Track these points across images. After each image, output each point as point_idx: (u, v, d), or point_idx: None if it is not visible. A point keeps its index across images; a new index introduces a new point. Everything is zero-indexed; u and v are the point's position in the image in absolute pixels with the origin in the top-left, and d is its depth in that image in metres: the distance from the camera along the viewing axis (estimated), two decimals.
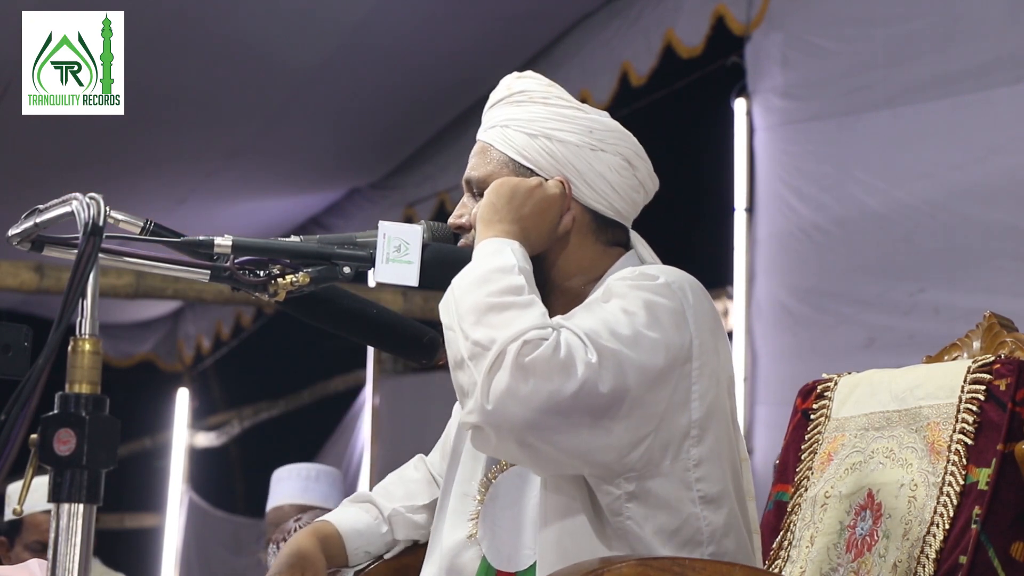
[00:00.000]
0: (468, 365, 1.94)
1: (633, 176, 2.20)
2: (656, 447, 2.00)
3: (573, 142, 2.16)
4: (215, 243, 2.01)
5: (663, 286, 2.05)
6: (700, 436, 2.04)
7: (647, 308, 2.01)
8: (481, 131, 2.24)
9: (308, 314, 2.23)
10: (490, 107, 2.25)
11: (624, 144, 2.20)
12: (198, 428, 9.84)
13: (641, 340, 1.97)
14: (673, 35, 5.69)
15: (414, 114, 7.01)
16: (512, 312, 1.95)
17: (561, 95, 2.23)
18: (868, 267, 4.90)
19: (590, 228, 2.18)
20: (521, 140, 2.17)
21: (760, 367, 5.26)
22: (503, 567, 2.11)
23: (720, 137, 5.53)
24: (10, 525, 4.52)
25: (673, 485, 2.02)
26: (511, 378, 1.89)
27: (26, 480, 1.61)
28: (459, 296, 2.00)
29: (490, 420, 1.91)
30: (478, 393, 1.91)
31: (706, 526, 2.03)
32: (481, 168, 2.19)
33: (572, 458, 1.97)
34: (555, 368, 1.90)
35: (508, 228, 2.09)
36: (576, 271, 2.17)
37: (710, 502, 2.04)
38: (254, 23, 5.94)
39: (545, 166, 2.16)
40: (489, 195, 2.13)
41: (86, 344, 1.65)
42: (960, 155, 4.59)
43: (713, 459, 2.05)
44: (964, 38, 4.61)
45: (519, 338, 1.91)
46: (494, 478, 2.17)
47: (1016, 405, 2.18)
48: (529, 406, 1.89)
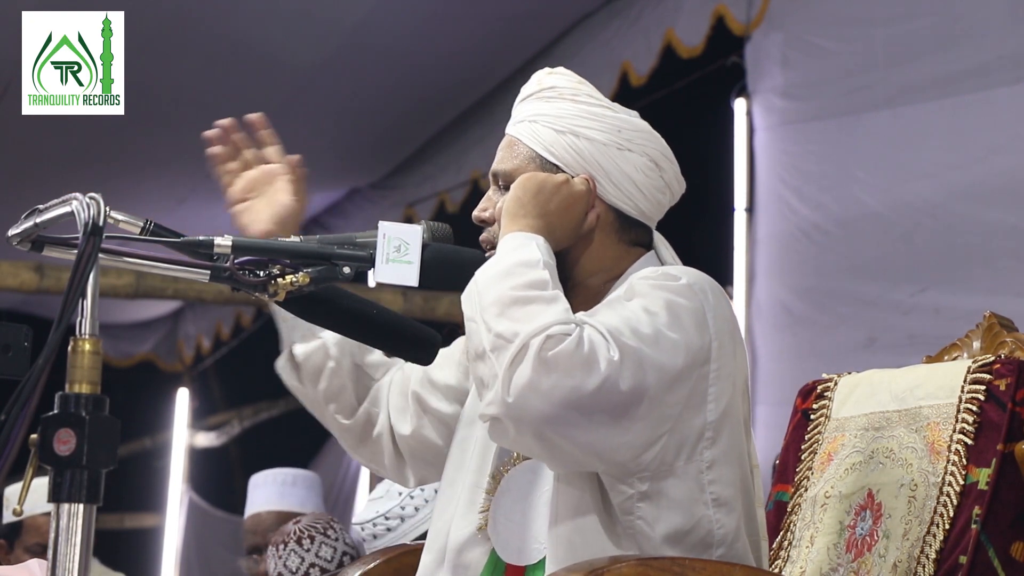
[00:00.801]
0: (490, 357, 1.94)
1: (659, 177, 2.20)
2: (671, 447, 2.00)
3: (600, 140, 2.16)
4: (215, 243, 2.01)
5: (685, 287, 2.05)
6: (714, 438, 2.04)
7: (668, 308, 2.01)
8: (510, 125, 2.24)
9: (308, 314, 2.23)
10: (520, 101, 2.25)
11: (652, 145, 2.20)
12: (198, 428, 9.83)
13: (662, 340, 1.98)
14: (673, 35, 5.68)
15: (414, 114, 7.01)
16: (536, 306, 1.95)
17: (591, 93, 2.23)
18: (868, 267, 4.90)
19: (613, 227, 2.18)
20: (549, 136, 2.17)
21: (760, 367, 5.26)
22: (513, 561, 2.11)
23: (720, 137, 5.53)
24: (9, 528, 4.51)
25: (686, 486, 2.02)
26: (533, 372, 1.90)
27: (26, 480, 1.61)
28: (482, 288, 2.00)
29: (510, 413, 1.91)
30: (499, 385, 1.92)
31: (718, 528, 2.03)
32: (508, 162, 2.20)
33: (588, 455, 1.97)
34: (577, 364, 1.90)
35: (533, 223, 2.09)
36: (597, 269, 2.17)
37: (722, 504, 2.04)
38: (254, 23, 5.94)
39: (571, 163, 2.16)
40: (515, 189, 2.13)
41: (86, 344, 1.65)
42: (960, 155, 4.59)
43: (726, 462, 2.05)
44: (964, 38, 4.61)
45: (542, 332, 1.91)
46: (506, 471, 2.17)
47: (1016, 405, 2.18)
48: (550, 400, 1.90)
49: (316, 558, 3.45)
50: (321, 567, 3.44)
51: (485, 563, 2.14)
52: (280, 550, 3.48)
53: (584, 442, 1.94)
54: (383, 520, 3.31)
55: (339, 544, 3.49)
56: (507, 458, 2.18)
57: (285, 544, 3.48)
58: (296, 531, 3.50)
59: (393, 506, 3.30)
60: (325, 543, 3.47)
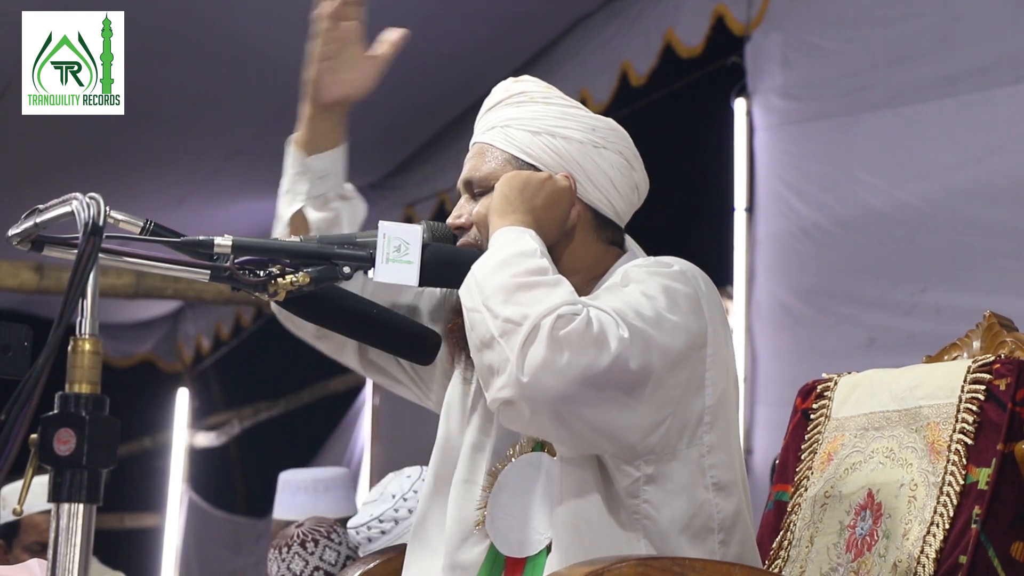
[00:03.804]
0: (499, 343, 1.94)
1: (631, 175, 2.22)
2: (673, 430, 2.03)
3: (577, 139, 2.18)
4: (215, 243, 2.01)
5: (679, 273, 2.08)
6: (712, 423, 2.07)
7: (666, 293, 2.04)
8: (478, 135, 2.25)
9: (308, 314, 2.23)
10: (486, 111, 2.26)
11: (624, 144, 2.23)
12: (198, 428, 9.83)
13: (663, 322, 2.00)
14: (673, 35, 5.68)
15: (414, 114, 7.01)
16: (541, 290, 1.97)
17: (560, 95, 2.25)
18: (869, 267, 4.89)
19: (592, 225, 2.20)
20: (524, 138, 2.18)
21: (760, 367, 5.25)
22: (513, 553, 2.12)
23: (720, 137, 5.52)
24: (8, 527, 4.51)
25: (689, 470, 2.05)
26: (547, 350, 1.91)
27: (26, 480, 1.61)
28: (482, 279, 2.01)
29: (526, 393, 1.92)
30: (512, 367, 1.92)
31: (717, 513, 2.06)
32: (482, 168, 2.20)
33: (600, 435, 1.98)
34: (589, 342, 1.91)
35: (523, 218, 2.11)
36: (580, 268, 2.18)
37: (721, 488, 2.07)
38: (254, 23, 5.93)
39: (549, 163, 2.17)
40: (501, 188, 2.14)
41: (86, 344, 1.65)
42: (960, 155, 4.59)
43: (724, 447, 2.08)
44: (964, 38, 4.61)
45: (553, 312, 1.92)
46: (503, 467, 2.18)
47: (1016, 405, 2.18)
48: (565, 378, 1.91)
49: (320, 561, 3.45)
50: (325, 570, 3.44)
51: (483, 560, 2.14)
52: (283, 553, 3.47)
53: (597, 422, 1.96)
54: (377, 523, 3.31)
55: (342, 548, 3.49)
56: (504, 455, 2.19)
57: (288, 547, 3.48)
58: (299, 534, 3.49)
59: (386, 509, 3.30)
60: (329, 546, 3.47)
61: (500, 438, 2.20)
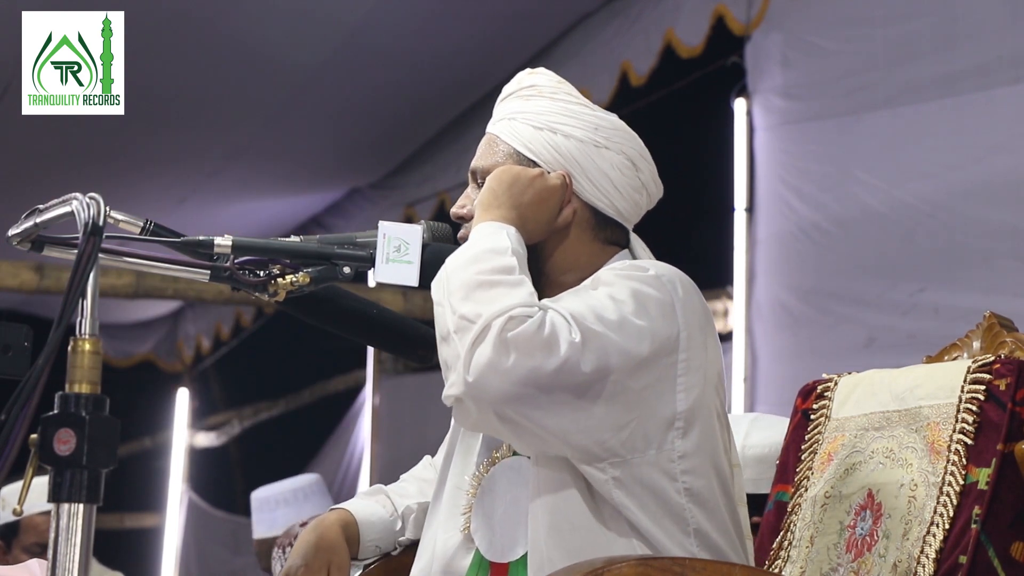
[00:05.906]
0: (453, 338, 1.96)
1: (636, 177, 2.21)
2: (639, 435, 2.01)
3: (577, 137, 2.18)
4: (215, 243, 2.01)
5: (653, 278, 2.07)
6: (686, 429, 2.05)
7: (635, 297, 2.03)
8: (491, 123, 2.26)
9: (308, 314, 2.23)
10: (501, 100, 2.28)
11: (628, 144, 2.21)
12: (198, 428, 9.83)
13: (627, 326, 1.99)
14: (673, 35, 5.68)
15: (414, 114, 7.01)
16: (500, 289, 1.97)
17: (570, 91, 2.26)
18: (868, 267, 4.90)
19: (589, 224, 2.19)
20: (527, 133, 2.19)
21: (760, 367, 5.26)
22: (496, 559, 2.11)
23: (720, 137, 5.53)
24: (7, 528, 4.51)
25: (658, 474, 2.03)
26: (493, 351, 1.92)
27: (26, 480, 1.61)
28: (450, 273, 2.02)
29: (470, 392, 1.94)
30: (460, 365, 1.94)
31: (691, 518, 2.05)
32: (487, 158, 2.21)
33: (551, 436, 1.98)
34: (537, 345, 1.92)
35: (506, 214, 2.11)
36: (572, 266, 2.18)
37: (695, 495, 2.05)
38: (254, 23, 5.94)
39: (549, 159, 2.18)
40: (490, 182, 2.15)
41: (86, 344, 1.65)
42: (960, 155, 4.59)
43: (699, 454, 2.06)
44: (964, 38, 4.61)
45: (505, 313, 1.93)
46: (486, 472, 2.17)
47: (1016, 405, 2.18)
48: (509, 379, 1.92)
49: None
50: None
51: (469, 564, 2.14)
52: (287, 552, 3.47)
53: (547, 423, 1.96)
54: None
55: None
56: (487, 459, 2.18)
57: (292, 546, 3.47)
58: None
59: None
60: None
61: (487, 440, 2.19)
